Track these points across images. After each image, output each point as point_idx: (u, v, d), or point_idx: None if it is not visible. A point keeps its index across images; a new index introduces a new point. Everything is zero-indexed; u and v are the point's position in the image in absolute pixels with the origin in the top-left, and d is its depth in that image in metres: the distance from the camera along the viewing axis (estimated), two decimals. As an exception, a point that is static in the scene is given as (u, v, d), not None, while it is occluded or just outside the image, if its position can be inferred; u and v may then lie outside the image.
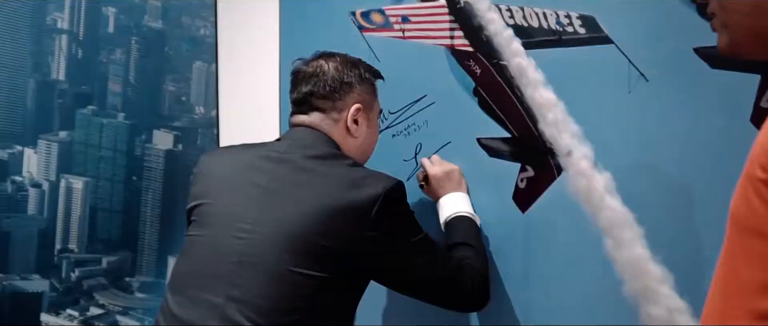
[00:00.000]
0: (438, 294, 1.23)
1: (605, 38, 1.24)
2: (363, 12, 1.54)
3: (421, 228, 1.19)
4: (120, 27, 1.69)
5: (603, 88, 1.24)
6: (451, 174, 1.38)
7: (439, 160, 1.42)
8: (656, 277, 1.19)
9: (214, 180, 1.19)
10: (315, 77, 1.23)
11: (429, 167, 1.39)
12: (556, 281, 1.32)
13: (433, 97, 1.46)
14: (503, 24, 1.35)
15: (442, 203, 1.36)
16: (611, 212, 1.23)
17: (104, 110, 1.66)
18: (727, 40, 0.88)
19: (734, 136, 1.11)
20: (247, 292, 1.06)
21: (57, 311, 1.57)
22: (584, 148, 1.27)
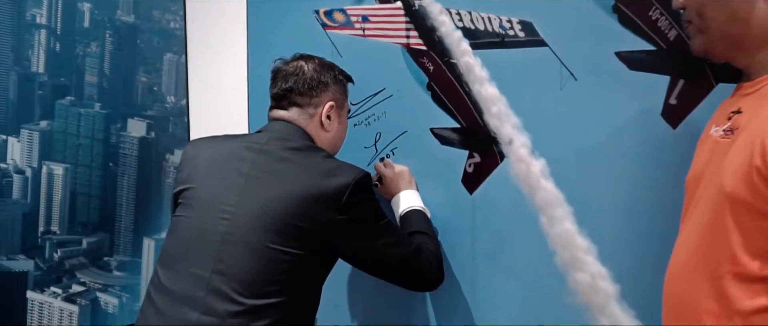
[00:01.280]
0: (398, 273, 1.32)
1: (541, 41, 1.36)
2: (326, 11, 1.62)
3: (384, 214, 1.28)
4: (95, 21, 1.69)
5: (539, 85, 1.36)
6: (402, 175, 1.49)
7: (390, 163, 1.52)
8: (582, 248, 1.34)
9: (199, 167, 1.27)
10: (295, 76, 1.32)
11: (382, 169, 1.50)
12: (499, 253, 1.44)
13: (391, 90, 1.55)
14: (453, 26, 1.45)
15: (397, 200, 1.47)
16: (546, 193, 1.37)
17: (81, 100, 1.67)
18: (701, 42, 1.01)
19: (648, 128, 1.26)
20: (231, 266, 1.15)
21: (42, 288, 1.59)
22: (523, 137, 1.39)
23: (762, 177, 0.83)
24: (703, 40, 1.00)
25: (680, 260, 0.99)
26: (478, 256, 1.47)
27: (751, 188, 0.85)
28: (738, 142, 0.90)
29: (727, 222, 0.88)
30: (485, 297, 1.47)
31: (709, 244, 0.92)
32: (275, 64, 1.37)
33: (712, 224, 0.91)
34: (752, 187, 0.85)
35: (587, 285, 1.33)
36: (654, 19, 1.25)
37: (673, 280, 1.00)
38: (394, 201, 1.48)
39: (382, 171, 1.51)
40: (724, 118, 0.98)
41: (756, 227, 0.85)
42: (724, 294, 0.88)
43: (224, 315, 1.13)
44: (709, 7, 0.97)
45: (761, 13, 0.92)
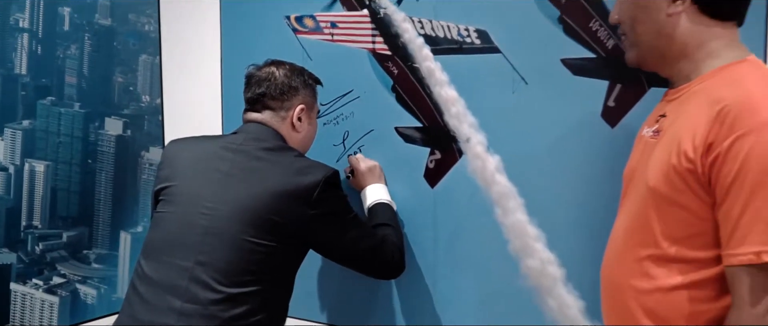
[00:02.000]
0: (364, 262, 1.41)
1: (495, 48, 1.45)
2: (297, 16, 1.69)
3: (352, 209, 1.37)
4: (74, 25, 1.73)
5: (493, 88, 1.45)
6: (372, 169, 1.57)
7: (363, 157, 1.59)
8: (533, 236, 1.44)
9: (180, 166, 1.34)
10: (267, 81, 1.39)
11: (354, 163, 1.58)
12: (458, 242, 1.54)
13: (358, 92, 1.63)
14: (416, 33, 1.54)
15: (366, 192, 1.55)
16: (500, 186, 1.47)
17: (62, 100, 1.71)
18: (634, 54, 1.12)
19: (589, 127, 1.37)
20: (212, 257, 1.23)
21: (24, 280, 1.63)
22: (479, 136, 1.48)
23: (677, 173, 0.97)
24: (635, 52, 1.12)
25: (613, 245, 1.12)
26: (439, 245, 1.57)
27: (669, 183, 0.98)
28: (661, 142, 1.03)
29: (650, 212, 1.01)
30: (446, 283, 1.57)
31: (636, 231, 1.05)
32: (248, 70, 1.44)
33: (639, 213, 1.04)
34: (670, 182, 0.98)
35: (537, 270, 1.44)
36: (594, 29, 1.36)
37: (608, 263, 1.13)
38: (363, 193, 1.56)
39: (354, 164, 1.58)
40: (653, 121, 1.11)
41: (673, 216, 0.99)
42: (647, 273, 1.02)
43: (205, 302, 1.21)
44: (639, 23, 1.08)
45: (683, 29, 1.03)
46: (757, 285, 0.90)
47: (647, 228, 1.02)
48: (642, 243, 1.03)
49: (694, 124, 0.95)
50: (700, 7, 1.02)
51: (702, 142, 0.93)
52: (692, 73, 1.04)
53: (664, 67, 1.10)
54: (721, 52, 1.02)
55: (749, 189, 0.89)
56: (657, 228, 1.00)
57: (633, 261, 1.04)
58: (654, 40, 1.07)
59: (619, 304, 1.07)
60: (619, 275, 1.08)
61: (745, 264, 0.90)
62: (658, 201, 1.00)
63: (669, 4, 1.03)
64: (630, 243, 1.06)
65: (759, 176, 0.88)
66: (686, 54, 1.05)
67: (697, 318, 0.98)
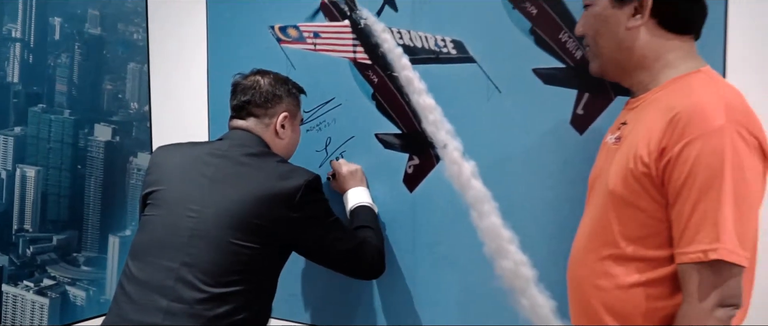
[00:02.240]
0: (344, 264, 1.45)
1: (470, 58, 1.50)
2: (281, 26, 1.74)
3: (333, 212, 1.42)
4: (64, 34, 1.77)
5: (469, 96, 1.51)
6: (355, 173, 1.61)
7: (345, 161, 1.64)
8: (506, 238, 1.49)
9: (167, 171, 1.38)
10: (252, 89, 1.44)
11: (337, 166, 1.62)
12: (435, 245, 1.59)
13: (340, 99, 1.68)
14: (395, 43, 1.59)
15: (348, 195, 1.59)
16: (475, 191, 1.52)
17: (52, 107, 1.75)
18: (597, 65, 1.17)
19: (559, 134, 1.42)
20: (197, 258, 1.27)
21: (15, 282, 1.66)
22: (456, 142, 1.53)
23: (634, 176, 1.03)
24: (598, 63, 1.17)
25: (578, 245, 1.18)
26: (418, 247, 1.62)
27: (627, 186, 1.04)
28: (622, 148, 1.09)
29: (610, 214, 1.07)
30: (424, 283, 1.62)
31: (598, 232, 1.11)
32: (234, 78, 1.49)
33: (600, 215, 1.10)
34: (627, 185, 1.04)
35: (510, 271, 1.49)
36: (563, 41, 1.42)
37: (573, 262, 1.19)
38: (345, 196, 1.61)
39: (336, 168, 1.63)
40: (616, 128, 1.17)
41: (630, 217, 1.05)
42: (607, 272, 1.08)
43: (191, 301, 1.26)
44: (601, 36, 1.14)
45: (642, 42, 1.09)
46: (704, 282, 0.95)
47: (607, 230, 1.07)
48: (603, 243, 1.09)
49: (650, 131, 1.01)
50: (659, 21, 1.08)
51: (656, 147, 0.99)
52: (650, 83, 1.10)
53: (624, 77, 1.16)
54: (678, 63, 1.08)
55: (697, 191, 0.95)
56: (616, 229, 1.06)
57: (595, 261, 1.10)
58: (615, 52, 1.12)
59: (583, 302, 1.13)
60: (582, 274, 1.14)
61: (693, 262, 0.96)
62: (617, 203, 1.06)
63: (629, 18, 1.09)
64: (592, 244, 1.12)
65: (706, 179, 0.94)
66: (645, 65, 1.10)
67: (653, 314, 1.04)
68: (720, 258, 0.94)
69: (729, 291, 0.95)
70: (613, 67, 1.16)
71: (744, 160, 0.95)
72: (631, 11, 1.09)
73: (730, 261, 0.94)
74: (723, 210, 0.94)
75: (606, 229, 1.08)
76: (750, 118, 0.99)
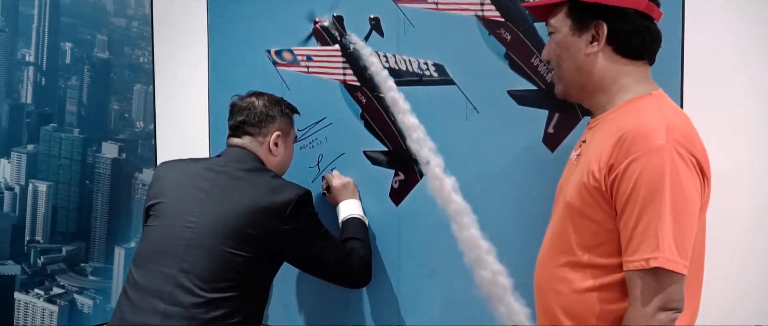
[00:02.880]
0: (332, 273, 1.53)
1: (451, 81, 1.58)
2: (276, 50, 1.83)
3: (322, 225, 1.49)
4: (75, 58, 1.86)
5: (449, 116, 1.58)
6: (347, 185, 1.68)
7: (339, 174, 1.70)
8: (485, 249, 1.56)
9: (168, 185, 1.47)
10: (248, 110, 1.53)
11: (331, 179, 1.69)
12: (420, 256, 1.66)
13: (331, 119, 1.75)
14: (381, 66, 1.67)
15: (340, 207, 1.66)
16: (456, 204, 1.59)
17: (63, 126, 1.83)
18: (561, 88, 1.24)
19: (532, 151, 1.50)
20: (194, 266, 1.36)
21: (27, 290, 1.73)
22: (438, 159, 1.61)
23: (587, 190, 1.11)
24: (561, 86, 1.25)
25: (541, 253, 1.26)
26: (402, 258, 1.70)
27: (581, 198, 1.12)
28: (580, 164, 1.17)
29: (567, 224, 1.15)
30: (409, 291, 1.69)
31: (557, 241, 1.19)
32: (232, 100, 1.58)
33: (560, 225, 1.18)
34: (581, 198, 1.12)
35: (489, 280, 1.56)
36: (535, 64, 1.51)
37: (537, 268, 1.27)
38: (337, 208, 1.67)
39: (329, 181, 1.69)
40: (578, 146, 1.25)
41: (585, 228, 1.13)
42: (565, 278, 1.16)
43: (188, 305, 1.35)
44: (563, 61, 1.21)
45: (600, 67, 1.17)
46: (647, 288, 1.03)
47: (565, 238, 1.15)
48: (561, 251, 1.16)
49: (601, 149, 1.09)
50: (614, 49, 1.16)
51: (605, 164, 1.07)
52: (607, 104, 1.18)
53: (584, 99, 1.24)
54: (632, 87, 1.16)
55: (641, 204, 1.03)
56: (572, 238, 1.14)
57: (554, 267, 1.18)
58: (575, 75, 1.19)
59: (544, 304, 1.22)
60: (544, 279, 1.22)
61: (637, 269, 1.04)
62: (574, 214, 1.14)
63: (587, 45, 1.17)
64: (552, 251, 1.20)
65: (648, 193, 1.02)
66: (603, 88, 1.18)
67: (606, 317, 1.11)
68: (659, 266, 1.01)
69: (670, 296, 1.02)
70: (574, 90, 1.23)
71: (682, 176, 1.02)
72: (588, 38, 1.16)
73: (668, 269, 1.01)
74: (663, 221, 1.01)
75: (564, 238, 1.16)
76: (690, 138, 1.06)
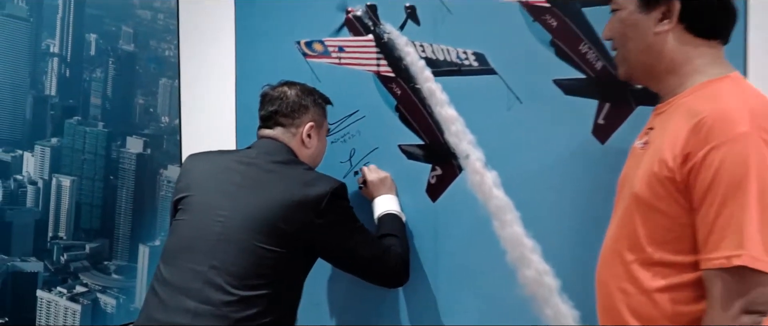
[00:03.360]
0: (368, 271, 1.47)
1: (492, 70, 1.53)
2: (306, 42, 1.77)
3: (357, 219, 1.44)
4: (99, 50, 1.83)
5: (490, 107, 1.53)
6: (384, 180, 1.62)
7: (376, 168, 1.65)
8: (529, 247, 1.51)
9: (197, 178, 1.42)
10: (279, 100, 1.48)
11: (367, 173, 1.63)
12: (458, 254, 1.60)
13: (364, 112, 1.70)
14: (417, 56, 1.62)
15: (376, 203, 1.61)
16: (497, 200, 1.54)
17: (87, 120, 1.80)
18: (624, 70, 1.16)
19: (580, 143, 1.45)
20: (225, 262, 1.30)
21: (49, 288, 1.70)
22: (478, 152, 1.56)
23: (658, 180, 1.03)
24: (625, 68, 1.16)
25: (605, 250, 1.18)
26: (440, 256, 1.63)
27: (651, 190, 1.04)
28: (648, 153, 1.09)
29: (635, 218, 1.07)
30: (447, 292, 1.63)
31: (623, 236, 1.10)
32: (263, 89, 1.53)
33: (626, 220, 1.10)
34: (652, 189, 1.04)
35: (533, 280, 1.51)
36: (584, 52, 1.45)
37: (600, 265, 1.18)
38: (373, 203, 1.62)
39: (366, 174, 1.64)
40: (644, 133, 1.16)
41: (655, 222, 1.04)
42: (633, 276, 1.07)
43: (218, 303, 1.29)
44: (629, 40, 1.13)
45: (670, 47, 1.09)
46: (729, 288, 0.94)
47: (633, 234, 1.07)
48: (628, 247, 1.08)
49: (675, 136, 1.01)
50: (686, 26, 1.08)
51: (680, 152, 0.99)
52: (678, 87, 1.09)
53: (651, 82, 1.15)
54: (706, 68, 1.07)
55: (722, 197, 0.95)
56: (641, 233, 1.06)
57: (620, 265, 1.10)
58: (642, 56, 1.11)
59: (609, 304, 1.13)
60: (608, 277, 1.14)
61: (717, 268, 0.95)
62: (642, 207, 1.05)
63: (656, 23, 1.08)
64: (618, 248, 1.11)
65: (730, 185, 0.94)
66: (673, 70, 1.10)
67: (679, 319, 1.03)
68: (744, 264, 0.93)
69: (754, 297, 0.94)
70: (640, 72, 1.15)
71: None
72: (658, 16, 1.08)
73: (754, 268, 0.93)
74: (747, 216, 0.93)
75: (631, 233, 1.08)
76: None
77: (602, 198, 1.28)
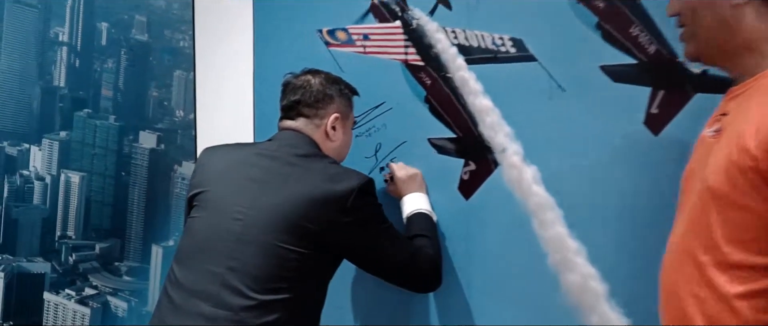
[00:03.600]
0: (397, 274, 1.38)
1: (531, 57, 1.44)
2: (329, 30, 1.70)
3: (386, 218, 1.35)
4: (111, 40, 1.79)
5: (529, 96, 1.44)
6: (414, 177, 1.54)
7: (404, 165, 1.57)
8: (573, 250, 1.40)
9: (213, 172, 1.34)
10: (302, 89, 1.40)
11: (396, 170, 1.55)
12: (493, 256, 1.51)
13: (391, 103, 1.63)
14: (449, 43, 1.54)
15: (405, 201, 1.53)
16: (538, 198, 1.44)
17: (98, 113, 1.76)
18: (693, 47, 1.04)
19: (631, 136, 1.34)
20: (244, 263, 1.22)
21: (57, 290, 1.66)
22: (515, 146, 1.47)
23: (740, 171, 0.90)
24: (694, 45, 1.05)
25: (671, 250, 1.06)
26: (473, 259, 1.54)
27: (730, 182, 0.91)
28: (722, 140, 0.97)
29: (710, 214, 0.94)
30: (480, 298, 1.53)
31: (695, 234, 0.98)
32: (285, 78, 1.45)
33: (698, 217, 0.97)
34: (731, 181, 0.91)
35: (578, 286, 1.40)
36: (635, 35, 1.34)
37: (665, 269, 1.06)
38: (402, 202, 1.54)
39: (394, 171, 1.56)
40: (714, 120, 1.04)
41: (735, 219, 0.92)
42: (709, 280, 0.95)
43: (236, 308, 1.20)
44: (701, 14, 1.02)
45: (749, 21, 0.98)
46: None
47: (706, 232, 0.95)
48: (701, 247, 0.96)
49: (758, 119, 0.89)
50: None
51: (766, 137, 0.87)
52: (756, 68, 0.98)
53: (724, 61, 1.05)
54: None
55: None
56: (718, 231, 0.93)
57: (693, 268, 0.97)
58: (715, 32, 1.01)
59: (678, 311, 1.00)
60: (679, 282, 1.01)
61: None
62: (719, 202, 0.93)
63: None
64: (689, 249, 0.99)
65: None
66: (751, 48, 0.99)
67: None
68: None
69: None
70: (711, 50, 1.04)
71: None
72: None
73: None
74: None
75: (705, 232, 0.95)
76: None
77: (655, 194, 1.21)
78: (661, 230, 1.10)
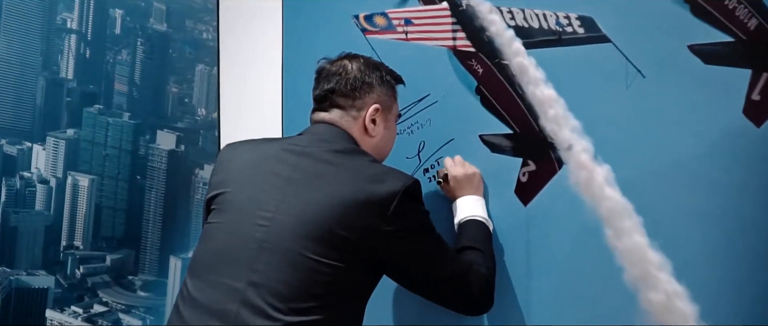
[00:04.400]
0: (444, 294, 1.25)
1: (603, 37, 1.32)
2: (366, 15, 1.59)
3: (434, 228, 1.22)
4: (126, 28, 1.73)
5: (601, 84, 1.32)
6: (471, 177, 1.41)
7: (462, 161, 1.45)
8: (655, 264, 1.27)
9: (234, 170, 1.22)
10: (338, 75, 1.27)
11: (451, 167, 1.43)
12: (557, 271, 1.38)
13: (436, 96, 1.51)
14: (504, 25, 1.42)
15: (459, 204, 1.40)
16: (611, 202, 1.31)
17: (110, 109, 1.70)
18: None
19: (728, 128, 1.22)
20: (268, 278, 1.08)
21: (62, 307, 1.59)
22: (584, 142, 1.34)
23: None
24: None
25: None
26: (533, 274, 1.41)
27: None
28: None
29: None
30: (542, 319, 1.40)
31: None
32: (319, 64, 1.33)
33: None
34: None
35: (662, 306, 1.27)
36: (731, 7, 1.22)
37: None
38: (454, 205, 1.42)
39: (450, 168, 1.44)
40: None
41: None
42: None
43: None
44: None
45: None
46: None
47: None
48: None
49: None
50: None
51: None
52: None
53: None
54: None
55: None
56: None
57: None
58: None
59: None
60: None
61: None
62: None
63: None
64: None
65: None
66: None
67: None
68: None
69: None
70: None
71: None
72: None
73: None
74: None
75: None
76: None
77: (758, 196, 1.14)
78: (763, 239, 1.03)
